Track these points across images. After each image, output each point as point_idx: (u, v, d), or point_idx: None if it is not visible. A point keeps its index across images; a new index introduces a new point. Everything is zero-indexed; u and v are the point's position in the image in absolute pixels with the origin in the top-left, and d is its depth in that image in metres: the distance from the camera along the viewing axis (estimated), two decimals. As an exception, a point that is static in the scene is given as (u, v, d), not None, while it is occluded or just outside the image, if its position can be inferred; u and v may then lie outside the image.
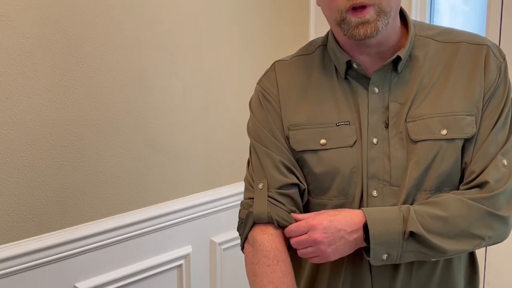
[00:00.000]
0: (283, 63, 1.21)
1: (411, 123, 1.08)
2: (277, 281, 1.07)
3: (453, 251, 1.04)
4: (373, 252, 1.03)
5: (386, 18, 1.04)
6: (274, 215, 1.11)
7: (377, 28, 1.03)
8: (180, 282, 1.93)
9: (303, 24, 2.25)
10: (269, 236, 1.11)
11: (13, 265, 1.48)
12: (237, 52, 2.03)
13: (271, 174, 1.14)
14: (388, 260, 1.04)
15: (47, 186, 1.55)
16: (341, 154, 1.10)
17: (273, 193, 1.13)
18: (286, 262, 1.10)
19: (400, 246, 1.03)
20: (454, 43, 1.12)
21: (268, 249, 1.10)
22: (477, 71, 1.08)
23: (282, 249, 1.11)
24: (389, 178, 1.08)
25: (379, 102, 1.10)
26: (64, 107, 1.56)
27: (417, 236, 1.02)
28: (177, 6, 1.81)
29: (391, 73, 1.10)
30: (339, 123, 1.12)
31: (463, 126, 1.06)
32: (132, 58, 1.71)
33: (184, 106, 1.87)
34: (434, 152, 1.06)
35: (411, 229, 1.02)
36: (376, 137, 1.09)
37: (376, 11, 1.03)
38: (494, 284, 2.11)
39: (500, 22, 1.98)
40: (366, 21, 1.03)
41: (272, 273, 1.08)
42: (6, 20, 1.43)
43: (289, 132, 1.15)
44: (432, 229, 1.02)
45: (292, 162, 1.14)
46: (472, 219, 1.03)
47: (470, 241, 1.04)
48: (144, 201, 1.80)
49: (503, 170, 1.05)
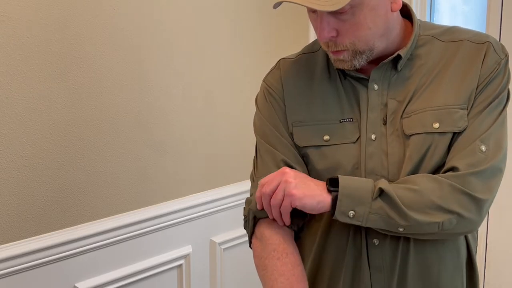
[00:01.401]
0: (288, 61, 1.23)
1: (406, 119, 1.09)
2: (288, 273, 1.08)
3: (421, 222, 1.02)
4: (340, 203, 1.03)
5: (363, 56, 1.08)
6: None
7: (353, 66, 1.08)
8: (180, 282, 1.93)
9: (303, 25, 2.25)
10: (276, 229, 1.12)
11: (13, 265, 1.48)
12: (237, 52, 2.03)
13: (272, 171, 1.14)
14: (354, 219, 1.03)
15: (47, 186, 1.56)
16: (344, 150, 1.12)
17: None
18: (295, 254, 1.11)
19: (368, 205, 1.02)
20: (456, 41, 1.12)
21: (277, 243, 1.11)
22: (474, 65, 1.09)
23: (290, 242, 1.13)
24: (386, 174, 1.09)
25: (378, 99, 1.11)
26: (64, 107, 1.56)
27: (387, 197, 1.01)
28: (177, 6, 1.81)
29: (391, 71, 1.12)
30: (343, 120, 1.13)
31: (455, 120, 1.06)
32: (132, 58, 1.71)
33: (184, 106, 1.87)
34: (427, 145, 1.06)
35: (381, 185, 1.02)
36: (375, 134, 1.10)
37: (351, 54, 1.07)
38: (494, 284, 2.12)
39: (500, 22, 1.98)
40: (342, 59, 1.08)
41: (282, 265, 1.09)
42: (6, 20, 1.43)
43: (293, 128, 1.16)
44: (402, 196, 1.02)
45: (296, 159, 1.15)
46: (442, 193, 1.02)
47: (439, 215, 1.02)
48: (144, 201, 1.80)
49: (479, 155, 1.04)
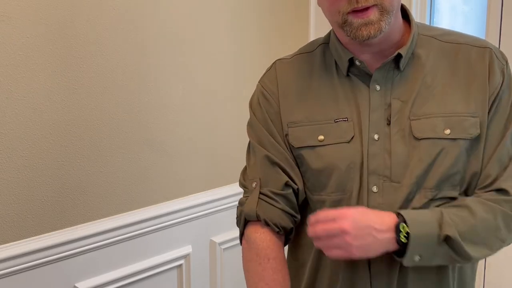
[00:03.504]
0: (284, 61, 1.22)
1: (415, 121, 1.08)
2: (267, 279, 1.11)
3: (478, 257, 1.06)
4: (409, 252, 1.01)
5: (389, 17, 1.04)
6: (262, 214, 1.14)
7: (380, 28, 1.03)
8: (180, 282, 1.93)
9: (303, 24, 2.25)
10: (261, 234, 1.14)
11: (13, 265, 1.48)
12: (237, 52, 2.03)
13: (264, 173, 1.16)
14: (419, 262, 1.03)
15: (47, 186, 1.55)
16: (338, 150, 1.11)
17: (265, 192, 1.15)
18: (278, 260, 1.12)
19: (434, 249, 1.02)
20: (456, 44, 1.13)
21: (259, 248, 1.13)
22: (481, 73, 1.09)
23: (274, 247, 1.13)
24: (389, 173, 1.08)
25: (381, 99, 1.11)
26: (64, 107, 1.56)
27: (452, 241, 1.02)
28: (177, 6, 1.81)
29: (394, 71, 1.11)
30: (337, 120, 1.12)
31: (466, 127, 1.07)
32: (132, 58, 1.71)
33: (184, 106, 1.87)
34: (437, 150, 1.06)
35: (447, 233, 1.02)
36: (378, 134, 1.10)
37: (379, 10, 1.02)
38: (494, 284, 2.11)
39: (500, 22, 1.98)
40: (370, 21, 1.02)
41: (263, 271, 1.11)
42: (6, 20, 1.43)
43: (289, 129, 1.16)
44: (464, 235, 1.03)
45: (288, 163, 1.15)
46: (496, 224, 1.05)
47: (493, 245, 1.06)
48: (144, 201, 1.80)
49: None
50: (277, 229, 1.14)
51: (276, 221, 1.14)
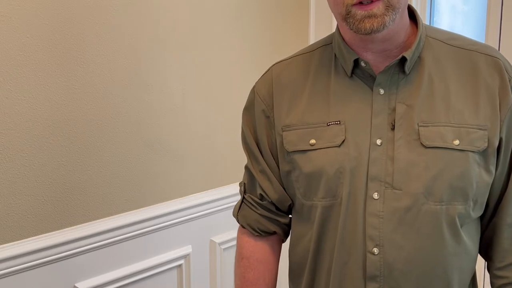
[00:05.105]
0: (281, 65, 1.20)
1: (424, 128, 1.04)
2: (239, 276, 1.25)
3: None
4: None
5: (394, 14, 1.00)
6: (241, 217, 1.26)
7: (384, 22, 0.99)
8: (180, 282, 1.93)
9: (303, 25, 2.25)
10: (241, 234, 1.27)
11: (13, 265, 1.48)
12: (237, 53, 2.03)
13: (247, 181, 1.24)
14: None
15: (47, 186, 1.55)
16: (328, 154, 1.08)
17: (247, 197, 1.24)
18: (251, 259, 1.23)
19: None
20: (465, 50, 1.10)
21: (238, 247, 1.27)
22: (491, 85, 1.06)
23: (260, 251, 1.24)
24: (391, 180, 1.04)
25: (384, 103, 1.07)
26: (64, 107, 1.56)
27: None
28: (178, 7, 1.81)
29: (399, 75, 1.07)
30: (330, 123, 1.09)
31: (473, 140, 1.04)
32: (133, 58, 1.71)
33: (184, 107, 1.87)
34: (445, 160, 1.03)
35: None
36: (381, 139, 1.06)
37: (385, 5, 0.99)
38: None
39: (500, 22, 1.98)
40: (373, 14, 0.99)
41: (237, 268, 1.26)
42: (6, 20, 1.43)
43: (283, 133, 1.14)
44: None
45: (264, 175, 1.20)
46: None
47: None
48: (144, 201, 1.80)
49: None
50: (256, 233, 1.23)
51: (253, 225, 1.23)
